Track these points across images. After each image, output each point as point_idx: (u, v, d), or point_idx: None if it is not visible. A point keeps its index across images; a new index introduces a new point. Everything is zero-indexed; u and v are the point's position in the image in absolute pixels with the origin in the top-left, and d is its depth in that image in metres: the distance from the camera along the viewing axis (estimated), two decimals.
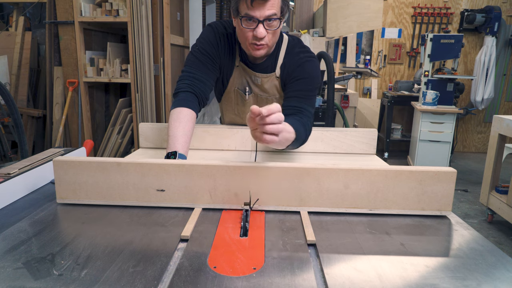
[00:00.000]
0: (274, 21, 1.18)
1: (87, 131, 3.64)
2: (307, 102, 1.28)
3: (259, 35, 1.17)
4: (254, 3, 1.12)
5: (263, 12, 1.14)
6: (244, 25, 1.18)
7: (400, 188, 0.91)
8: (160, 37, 3.36)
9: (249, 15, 1.15)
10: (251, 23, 1.17)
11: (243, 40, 1.25)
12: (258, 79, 1.40)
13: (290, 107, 1.26)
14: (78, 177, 0.94)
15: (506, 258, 0.73)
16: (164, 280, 0.64)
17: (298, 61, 1.33)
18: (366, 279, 0.65)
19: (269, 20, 1.16)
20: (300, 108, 1.26)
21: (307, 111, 1.27)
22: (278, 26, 1.20)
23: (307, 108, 1.27)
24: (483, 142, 5.70)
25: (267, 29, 1.18)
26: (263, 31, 1.17)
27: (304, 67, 1.32)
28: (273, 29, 1.20)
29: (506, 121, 2.79)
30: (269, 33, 1.20)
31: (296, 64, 1.33)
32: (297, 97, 1.28)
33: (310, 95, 1.30)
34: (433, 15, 5.38)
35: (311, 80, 1.31)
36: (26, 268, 0.66)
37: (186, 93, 1.26)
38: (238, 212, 0.92)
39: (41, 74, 3.98)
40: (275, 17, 1.16)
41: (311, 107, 1.30)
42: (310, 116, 1.27)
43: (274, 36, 1.24)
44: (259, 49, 1.23)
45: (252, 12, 1.14)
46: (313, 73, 1.32)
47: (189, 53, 1.35)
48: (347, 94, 3.96)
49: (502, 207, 2.85)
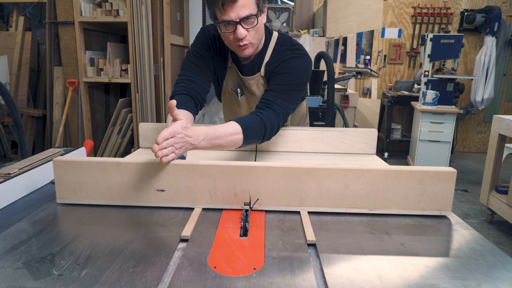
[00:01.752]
0: (251, 18, 1.18)
1: (87, 131, 3.63)
2: (282, 97, 1.24)
3: (239, 36, 1.18)
4: (225, 6, 1.13)
5: (237, 13, 1.15)
6: (224, 29, 1.19)
7: (400, 188, 0.91)
8: (160, 37, 3.36)
9: (225, 19, 1.16)
10: (230, 26, 1.18)
11: (228, 43, 1.26)
12: (245, 82, 1.40)
13: (262, 100, 1.24)
14: (78, 177, 0.94)
15: (506, 258, 0.74)
16: (164, 280, 0.64)
17: (283, 57, 1.31)
18: (366, 279, 0.65)
19: (246, 19, 1.17)
20: (269, 102, 1.22)
21: (277, 105, 1.22)
22: (257, 23, 1.20)
23: (280, 103, 1.22)
24: (483, 142, 5.69)
25: (246, 28, 1.19)
26: (243, 31, 1.18)
27: (287, 63, 1.29)
28: (252, 27, 1.20)
29: (506, 121, 2.79)
30: (250, 31, 1.20)
31: (280, 60, 1.31)
32: (273, 90, 1.25)
33: (288, 89, 1.26)
34: (433, 15, 5.38)
35: (291, 75, 1.27)
36: (26, 268, 0.66)
37: (182, 96, 1.27)
38: (238, 212, 0.92)
39: (41, 74, 3.98)
40: (251, 14, 1.17)
41: (288, 102, 1.25)
42: (279, 111, 1.22)
43: (257, 33, 1.24)
44: (244, 48, 1.24)
45: (227, 15, 1.15)
46: (296, 68, 1.28)
47: (185, 58, 1.37)
48: (347, 94, 3.96)
49: (502, 207, 2.85)
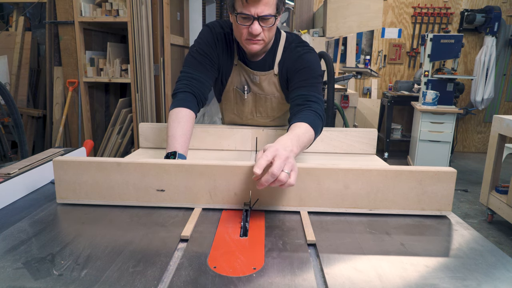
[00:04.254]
0: (269, 19, 1.19)
1: (87, 131, 3.63)
2: (312, 89, 1.27)
3: (254, 31, 1.19)
4: (249, 0, 1.14)
5: (258, 10, 1.15)
6: (240, 22, 1.20)
7: (400, 188, 0.91)
8: (160, 37, 3.36)
9: (244, 12, 1.16)
10: (246, 20, 1.19)
11: (238, 35, 1.26)
12: (256, 77, 1.40)
13: (298, 97, 1.25)
14: (78, 177, 0.94)
15: (506, 258, 0.73)
16: (164, 280, 0.64)
17: (296, 54, 1.33)
18: (366, 279, 0.65)
19: (265, 18, 1.18)
20: (307, 95, 1.24)
21: (315, 97, 1.24)
22: (274, 23, 1.21)
23: (315, 95, 1.25)
24: (483, 142, 5.69)
25: (262, 26, 1.20)
26: (258, 27, 1.19)
27: (303, 59, 1.32)
28: (268, 26, 1.21)
29: (506, 121, 2.79)
30: (264, 30, 1.21)
31: (295, 57, 1.33)
32: (302, 86, 1.27)
33: (314, 82, 1.29)
34: (433, 15, 5.38)
35: (312, 69, 1.30)
36: (26, 268, 0.66)
37: (185, 94, 1.27)
38: (238, 212, 0.92)
39: (41, 74, 3.97)
40: (270, 14, 1.18)
41: (318, 93, 1.28)
42: (319, 102, 1.25)
43: (270, 33, 1.25)
44: (255, 43, 1.24)
45: (247, 9, 1.16)
46: (313, 63, 1.31)
47: (187, 54, 1.36)
48: (347, 94, 3.96)
49: (502, 207, 2.85)
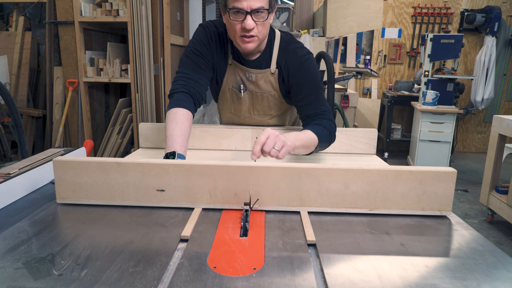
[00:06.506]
0: (262, 13, 1.19)
1: (87, 131, 3.63)
2: (319, 102, 1.33)
3: (247, 26, 1.18)
4: None
5: (250, 4, 1.15)
6: (232, 17, 1.19)
7: (400, 188, 0.91)
8: (160, 37, 3.36)
9: (237, 7, 1.16)
10: (239, 15, 1.18)
11: (232, 33, 1.25)
12: (252, 76, 1.40)
13: (308, 116, 1.32)
14: (78, 177, 0.94)
15: (506, 258, 0.73)
16: (164, 280, 0.64)
17: (297, 59, 1.34)
18: (366, 279, 0.65)
19: (257, 12, 1.17)
20: (316, 113, 1.31)
21: (323, 111, 1.31)
22: (266, 18, 1.21)
23: (322, 108, 1.32)
24: (483, 142, 5.69)
25: (255, 20, 1.19)
26: (251, 22, 1.18)
27: (305, 68, 1.34)
28: (261, 21, 1.20)
29: (506, 121, 2.79)
30: (258, 24, 1.21)
31: (297, 63, 1.34)
32: (310, 104, 1.32)
33: (318, 93, 1.34)
34: (433, 15, 5.38)
35: (314, 81, 1.34)
36: (26, 268, 0.66)
37: (181, 94, 1.27)
38: (238, 212, 0.92)
39: (41, 74, 3.97)
40: (263, 7, 1.17)
41: (323, 104, 1.34)
42: (328, 115, 1.31)
43: (264, 28, 1.24)
44: (249, 41, 1.23)
45: (239, 4, 1.15)
46: (314, 73, 1.35)
47: (183, 54, 1.36)
48: (347, 94, 3.96)
49: (502, 207, 2.85)
